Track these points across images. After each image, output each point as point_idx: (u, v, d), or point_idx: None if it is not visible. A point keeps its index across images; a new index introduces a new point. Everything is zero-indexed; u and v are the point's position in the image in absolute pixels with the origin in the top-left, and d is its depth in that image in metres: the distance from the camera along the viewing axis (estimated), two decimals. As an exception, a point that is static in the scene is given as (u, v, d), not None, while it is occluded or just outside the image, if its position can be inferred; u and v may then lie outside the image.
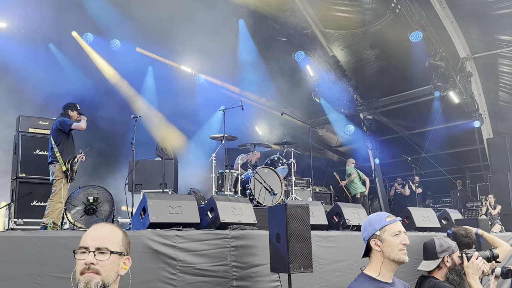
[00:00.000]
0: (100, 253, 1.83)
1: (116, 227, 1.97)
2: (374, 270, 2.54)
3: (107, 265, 1.83)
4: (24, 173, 7.81)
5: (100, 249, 1.83)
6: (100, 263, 1.81)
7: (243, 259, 5.33)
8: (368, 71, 16.38)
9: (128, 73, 13.77)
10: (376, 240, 2.52)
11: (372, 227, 2.56)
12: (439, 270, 3.73)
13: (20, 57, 11.60)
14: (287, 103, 12.71)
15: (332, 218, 7.32)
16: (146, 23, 13.65)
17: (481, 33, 13.43)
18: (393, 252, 2.48)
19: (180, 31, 13.68)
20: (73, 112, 7.45)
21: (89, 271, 1.79)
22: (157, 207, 5.23)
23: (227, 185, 8.85)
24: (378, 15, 14.01)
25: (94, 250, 1.82)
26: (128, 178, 8.06)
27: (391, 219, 2.57)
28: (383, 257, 2.51)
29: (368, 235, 2.57)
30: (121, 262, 1.90)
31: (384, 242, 2.50)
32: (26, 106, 11.06)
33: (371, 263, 2.57)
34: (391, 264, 2.51)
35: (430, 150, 15.82)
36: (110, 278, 1.84)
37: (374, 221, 2.59)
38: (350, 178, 13.09)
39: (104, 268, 1.82)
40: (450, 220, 8.31)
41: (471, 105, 14.28)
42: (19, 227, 7.30)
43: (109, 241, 1.87)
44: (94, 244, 1.83)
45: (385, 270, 2.51)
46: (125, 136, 11.19)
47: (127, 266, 1.93)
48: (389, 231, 2.52)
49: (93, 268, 1.80)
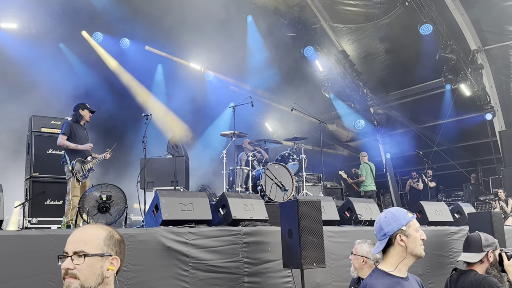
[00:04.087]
0: (77, 257, 1.80)
1: (100, 228, 1.93)
2: (390, 265, 2.52)
3: (84, 269, 1.80)
4: (37, 173, 7.88)
5: (77, 253, 1.81)
6: (77, 267, 1.79)
7: (254, 255, 5.35)
8: (378, 65, 16.27)
9: (138, 72, 13.84)
10: (402, 235, 2.50)
11: (398, 221, 2.52)
12: (480, 264, 3.69)
13: (31, 57, 11.71)
14: (296, 99, 12.66)
15: (344, 213, 7.32)
16: (155, 21, 13.71)
17: (492, 24, 13.27)
18: (416, 247, 2.49)
19: (188, 29, 13.71)
20: (84, 111, 7.49)
21: (67, 276, 1.79)
22: (169, 204, 5.26)
23: (238, 182, 8.87)
24: (388, 9, 13.91)
25: (72, 255, 1.81)
26: (140, 175, 8.10)
27: (411, 215, 2.57)
28: (406, 252, 2.49)
29: (392, 229, 2.52)
30: (105, 263, 1.85)
31: (409, 237, 2.49)
32: (38, 105, 11.16)
33: (388, 258, 2.54)
34: (410, 259, 2.51)
35: (442, 144, 15.70)
36: (91, 282, 1.80)
37: (398, 215, 2.55)
38: (359, 179, 13.03)
39: (81, 272, 1.79)
40: (463, 214, 8.27)
41: (483, 97, 14.14)
42: (33, 226, 7.38)
43: (86, 243, 1.83)
44: (72, 248, 1.82)
45: (402, 265, 2.50)
46: (136, 134, 11.25)
47: (114, 267, 1.88)
48: (413, 227, 2.52)
49: (70, 273, 1.79)
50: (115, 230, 1.97)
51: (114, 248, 1.90)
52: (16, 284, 3.91)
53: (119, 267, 1.91)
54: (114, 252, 1.89)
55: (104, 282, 1.84)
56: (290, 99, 14.83)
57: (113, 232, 1.94)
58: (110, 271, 1.86)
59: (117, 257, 1.90)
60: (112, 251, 1.88)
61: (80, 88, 11.98)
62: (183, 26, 13.55)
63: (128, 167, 12.02)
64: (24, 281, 3.87)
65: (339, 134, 18.99)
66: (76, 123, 7.42)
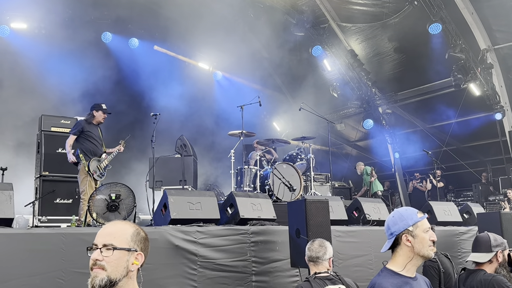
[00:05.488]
0: (106, 250, 1.90)
1: (128, 224, 2.03)
2: (398, 264, 2.53)
3: (112, 261, 1.89)
4: (47, 172, 7.95)
5: (106, 246, 1.90)
6: (106, 259, 1.88)
7: (262, 254, 5.36)
8: (386, 64, 16.20)
9: (147, 71, 13.90)
10: (408, 236, 2.50)
11: (405, 222, 2.53)
12: (489, 264, 3.72)
13: (40, 57, 11.80)
14: (304, 98, 12.66)
15: (352, 213, 7.30)
16: (164, 21, 13.77)
17: (501, 23, 13.16)
18: (423, 248, 2.48)
19: (197, 29, 13.75)
20: (98, 112, 7.50)
21: (96, 267, 1.88)
22: (178, 203, 5.29)
23: (246, 181, 8.89)
24: (397, 8, 13.85)
25: (101, 247, 1.90)
26: (149, 175, 8.14)
27: (421, 215, 2.56)
28: (413, 252, 2.49)
29: (399, 229, 2.53)
30: (131, 258, 1.95)
31: (416, 238, 2.49)
32: (47, 105, 11.26)
33: (396, 258, 2.55)
34: (418, 260, 2.51)
35: (451, 144, 15.61)
36: (117, 274, 1.90)
37: (405, 216, 2.55)
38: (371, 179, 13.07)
39: (109, 264, 1.89)
40: (472, 214, 8.22)
41: (492, 97, 14.04)
42: (43, 224, 7.45)
43: (116, 237, 1.94)
44: (102, 241, 1.92)
45: (410, 265, 2.51)
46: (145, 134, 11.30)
47: (138, 262, 1.98)
48: (421, 227, 2.50)
49: (99, 264, 1.88)
50: (141, 228, 2.07)
51: (140, 245, 2.00)
52: (26, 282, 3.95)
53: (143, 262, 2.01)
54: (139, 248, 1.99)
55: (128, 276, 1.94)
56: (298, 98, 14.83)
57: (140, 229, 2.04)
58: (135, 266, 1.97)
59: (142, 253, 2.00)
60: (138, 247, 1.99)
61: (88, 88, 12.06)
62: (192, 26, 13.60)
63: (136, 167, 12.08)
64: (34, 278, 3.91)
65: (347, 134, 18.96)
66: (89, 122, 7.44)
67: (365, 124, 16.91)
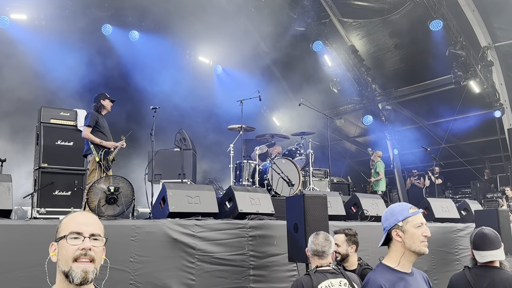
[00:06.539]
0: (94, 239, 1.79)
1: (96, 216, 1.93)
2: (393, 260, 2.55)
3: (99, 252, 1.79)
4: (46, 163, 7.93)
5: (94, 235, 1.79)
6: (94, 249, 1.77)
7: (260, 248, 5.38)
8: (387, 60, 16.19)
9: (147, 64, 13.86)
10: (398, 231, 2.53)
11: (395, 217, 2.56)
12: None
13: (40, 48, 11.78)
14: (304, 93, 12.67)
15: (350, 208, 7.32)
16: (165, 14, 13.72)
17: (502, 21, 13.15)
18: (414, 244, 2.49)
19: (197, 22, 13.71)
20: (105, 101, 7.42)
21: (86, 258, 1.74)
22: (177, 197, 5.29)
23: (245, 176, 8.90)
24: (398, 4, 13.83)
25: (89, 236, 1.78)
26: (148, 168, 8.14)
27: (414, 210, 2.57)
28: (404, 248, 2.51)
29: (389, 225, 2.57)
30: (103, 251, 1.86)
31: (406, 233, 2.51)
32: (47, 97, 11.24)
33: (391, 253, 2.58)
34: (411, 255, 2.52)
35: (450, 141, 15.63)
36: (98, 266, 1.80)
37: (396, 211, 2.58)
38: (378, 177, 13.00)
39: (97, 254, 1.78)
40: (470, 211, 8.24)
41: (492, 94, 14.04)
42: (42, 216, 7.45)
43: (99, 228, 1.83)
44: (88, 230, 1.79)
45: (404, 260, 2.52)
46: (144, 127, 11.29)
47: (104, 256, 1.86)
48: (412, 223, 2.52)
49: (89, 255, 1.75)
50: None
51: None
52: (25, 273, 3.95)
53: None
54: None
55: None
56: (298, 93, 14.83)
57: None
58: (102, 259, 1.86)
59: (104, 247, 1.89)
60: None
61: (88, 80, 12.04)
62: (192, 20, 13.56)
63: (135, 160, 12.08)
64: (32, 270, 3.91)
65: (346, 130, 18.96)
66: (99, 113, 7.34)
67: (365, 120, 16.93)
